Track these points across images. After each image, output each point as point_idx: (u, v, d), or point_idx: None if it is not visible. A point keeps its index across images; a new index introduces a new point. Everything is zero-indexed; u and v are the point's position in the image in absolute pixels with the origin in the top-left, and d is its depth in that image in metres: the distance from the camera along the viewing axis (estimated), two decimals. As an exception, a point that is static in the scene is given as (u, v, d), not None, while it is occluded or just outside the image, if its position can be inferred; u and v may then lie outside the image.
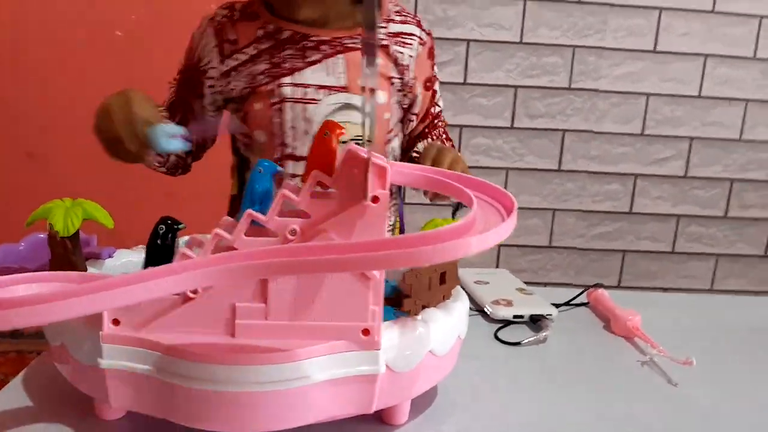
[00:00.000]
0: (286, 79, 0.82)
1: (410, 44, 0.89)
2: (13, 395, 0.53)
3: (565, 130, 1.70)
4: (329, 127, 0.44)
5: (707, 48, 1.68)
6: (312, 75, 0.83)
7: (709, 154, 1.77)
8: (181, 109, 0.87)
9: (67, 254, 0.52)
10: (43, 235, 0.66)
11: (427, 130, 0.96)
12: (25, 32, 1.58)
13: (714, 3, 1.65)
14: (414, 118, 0.94)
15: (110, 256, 0.63)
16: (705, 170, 1.78)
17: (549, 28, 1.64)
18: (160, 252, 0.52)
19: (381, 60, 0.87)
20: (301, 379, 0.43)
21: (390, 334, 0.46)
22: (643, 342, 0.73)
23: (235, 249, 0.43)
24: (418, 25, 0.92)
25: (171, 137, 0.65)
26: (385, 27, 0.88)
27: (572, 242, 1.79)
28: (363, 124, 0.39)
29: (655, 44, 1.66)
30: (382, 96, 0.86)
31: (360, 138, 0.86)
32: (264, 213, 0.43)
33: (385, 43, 0.87)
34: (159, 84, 0.83)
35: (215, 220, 0.49)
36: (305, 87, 0.82)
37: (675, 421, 0.57)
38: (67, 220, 0.53)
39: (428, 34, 0.93)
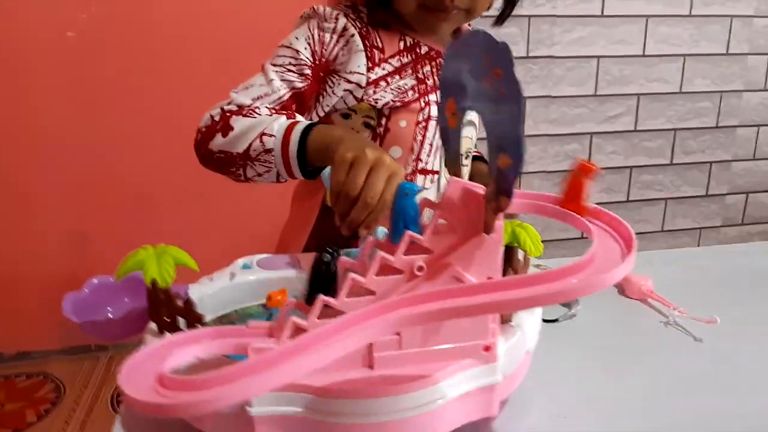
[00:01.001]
0: (432, 97, 0.82)
1: None
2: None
3: (525, 98, 1.77)
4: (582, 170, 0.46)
5: (648, 9, 1.78)
6: None
7: (654, 108, 1.90)
8: (305, 106, 0.80)
9: (171, 302, 0.53)
10: (99, 279, 0.66)
11: None
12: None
13: (652, -35, 1.74)
14: None
15: (186, 294, 0.64)
16: (651, 123, 1.91)
17: (559, 34, 1.73)
18: (326, 280, 0.51)
19: None
20: (438, 400, 0.47)
21: (498, 345, 0.51)
22: (658, 303, 0.82)
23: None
24: None
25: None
26: None
27: (538, 203, 1.90)
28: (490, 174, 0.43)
29: (602, 9, 1.75)
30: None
31: (470, 151, 0.90)
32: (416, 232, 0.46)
33: None
34: (109, 85, 0.81)
35: (193, 223, 0.51)
36: None
37: (706, 374, 0.66)
38: (162, 270, 0.54)
39: None
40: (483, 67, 0.43)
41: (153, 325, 0.55)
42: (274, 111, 0.75)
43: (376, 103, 0.80)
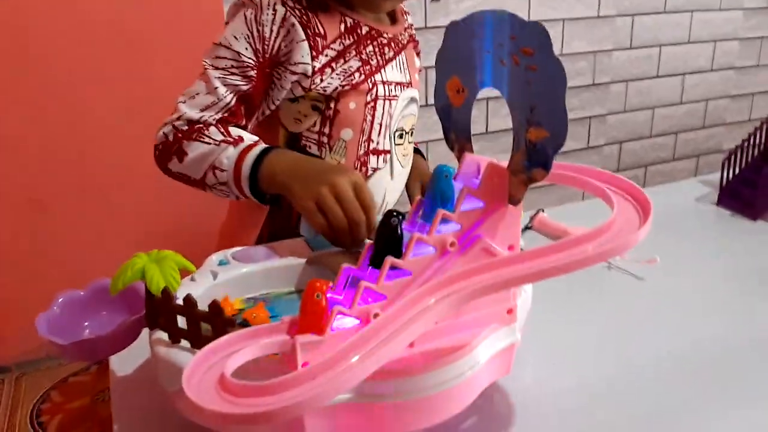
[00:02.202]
0: (378, 77, 0.81)
1: (414, 34, 0.94)
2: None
3: (426, 68, 1.82)
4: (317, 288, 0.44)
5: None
6: (392, 72, 0.84)
7: (540, 70, 2.03)
8: (253, 106, 0.80)
9: (191, 309, 0.49)
10: (65, 295, 0.61)
11: None
12: None
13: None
14: None
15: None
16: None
17: (455, 2, 1.77)
18: (396, 243, 0.49)
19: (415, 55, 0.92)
20: (475, 366, 0.50)
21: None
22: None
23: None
24: (408, 13, 0.96)
25: None
26: (406, 21, 0.91)
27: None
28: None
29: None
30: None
31: (413, 128, 0.91)
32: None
33: (417, 38, 0.93)
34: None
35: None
36: (389, 84, 0.83)
37: (649, 311, 0.75)
38: (167, 276, 0.51)
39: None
40: (507, 45, 0.44)
41: (160, 335, 0.52)
42: (223, 122, 0.76)
43: (325, 90, 0.79)
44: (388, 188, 0.89)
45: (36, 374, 1.59)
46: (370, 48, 0.83)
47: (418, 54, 0.96)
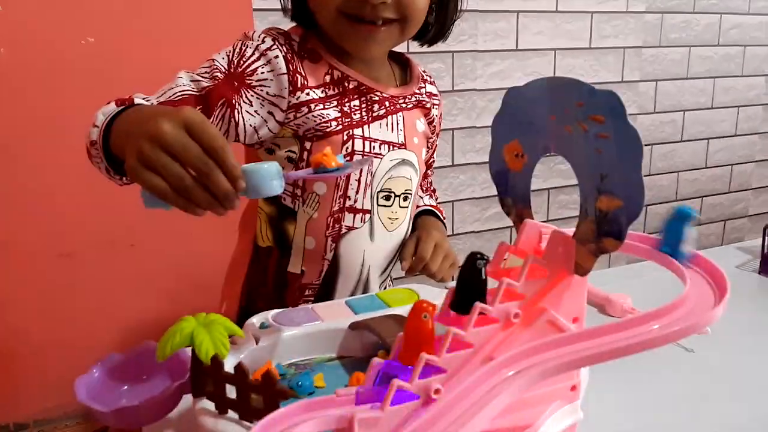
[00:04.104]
0: (357, 132, 0.80)
1: (437, 105, 0.95)
2: None
3: (453, 129, 1.83)
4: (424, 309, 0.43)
5: (555, 43, 1.92)
6: (378, 130, 0.83)
7: (565, 133, 2.04)
8: (209, 109, 0.73)
9: (243, 379, 0.47)
10: (103, 361, 0.59)
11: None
12: None
13: (556, 3, 1.89)
14: None
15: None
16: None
17: (482, 67, 1.80)
18: (480, 287, 0.47)
19: (424, 121, 0.92)
20: (538, 446, 0.47)
21: (573, 382, 0.52)
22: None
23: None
24: (435, 85, 0.97)
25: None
26: (423, 87, 0.92)
27: (470, 227, 1.96)
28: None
29: (517, 44, 1.86)
30: (424, 153, 0.90)
31: (409, 192, 0.89)
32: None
33: (428, 105, 0.92)
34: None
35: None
36: (372, 141, 0.82)
37: (703, 385, 0.71)
38: (217, 342, 0.49)
39: (439, 91, 0.98)
40: (573, 112, 0.44)
41: (206, 404, 0.49)
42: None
43: (298, 129, 0.78)
44: (367, 250, 0.85)
45: (52, 433, 1.55)
46: (356, 103, 0.82)
47: (430, 123, 0.94)
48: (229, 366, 0.52)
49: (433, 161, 1.04)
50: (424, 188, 1.05)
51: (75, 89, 1.42)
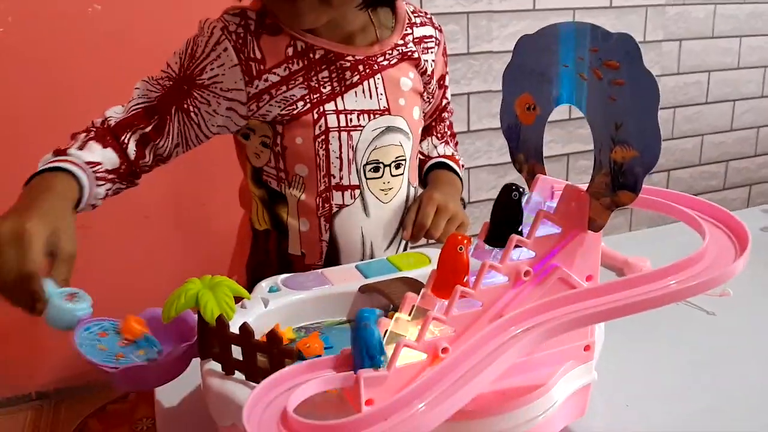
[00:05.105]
0: (329, 107, 0.76)
1: (432, 48, 0.86)
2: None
3: (469, 93, 1.80)
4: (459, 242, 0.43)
5: (575, 2, 1.86)
6: (354, 99, 0.77)
7: (585, 96, 1.98)
8: (162, 118, 0.74)
9: (247, 338, 0.47)
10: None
11: (434, 123, 0.96)
12: None
13: (576, -40, 1.82)
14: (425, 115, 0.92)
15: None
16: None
17: (498, 28, 1.74)
18: (516, 219, 0.46)
19: (413, 74, 0.83)
20: (551, 407, 0.45)
21: (587, 342, 0.50)
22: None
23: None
24: (431, 23, 0.88)
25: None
26: (410, 33, 0.83)
27: (487, 195, 1.93)
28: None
29: (534, 3, 1.80)
30: (417, 112, 0.84)
31: (402, 159, 0.83)
32: (378, 366, 0.40)
33: (416, 55, 0.83)
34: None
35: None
36: (349, 113, 0.77)
37: (724, 349, 0.68)
38: (222, 304, 0.48)
39: (440, 30, 0.89)
40: (587, 59, 0.41)
41: (213, 365, 0.49)
42: (120, 125, 0.73)
43: (264, 118, 0.76)
44: (364, 226, 0.82)
45: (75, 401, 1.59)
46: (325, 74, 0.77)
47: (423, 74, 0.85)
48: (236, 328, 0.52)
49: (448, 102, 0.96)
50: (440, 135, 0.97)
51: (82, 56, 1.42)
